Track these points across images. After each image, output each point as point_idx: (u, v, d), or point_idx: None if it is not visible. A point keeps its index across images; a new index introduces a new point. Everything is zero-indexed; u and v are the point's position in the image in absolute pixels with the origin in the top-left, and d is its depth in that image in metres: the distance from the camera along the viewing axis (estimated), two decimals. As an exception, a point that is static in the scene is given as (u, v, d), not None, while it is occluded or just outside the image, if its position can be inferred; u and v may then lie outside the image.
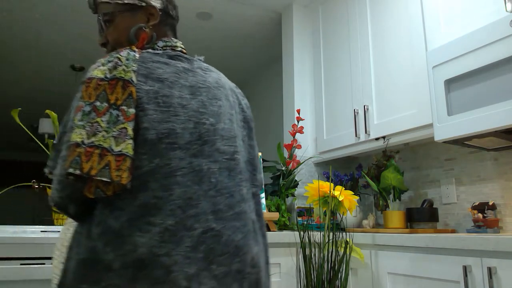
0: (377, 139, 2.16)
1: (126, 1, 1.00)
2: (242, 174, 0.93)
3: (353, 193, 1.92)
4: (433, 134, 1.81)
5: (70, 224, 1.07)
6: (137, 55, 0.88)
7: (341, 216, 2.24)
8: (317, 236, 1.88)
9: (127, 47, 0.91)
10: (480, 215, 1.77)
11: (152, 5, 1.01)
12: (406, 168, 2.34)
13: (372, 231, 1.94)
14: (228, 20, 3.23)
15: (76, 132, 0.78)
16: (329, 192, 1.77)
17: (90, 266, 0.76)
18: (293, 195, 2.43)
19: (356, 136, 2.25)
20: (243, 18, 3.20)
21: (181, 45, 1.03)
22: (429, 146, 2.23)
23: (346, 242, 1.71)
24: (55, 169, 0.84)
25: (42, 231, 1.68)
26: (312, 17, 2.84)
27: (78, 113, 0.80)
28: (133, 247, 0.75)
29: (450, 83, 1.69)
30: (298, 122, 2.51)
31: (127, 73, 0.83)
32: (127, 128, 0.79)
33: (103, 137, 0.78)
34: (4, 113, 5.73)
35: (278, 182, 2.42)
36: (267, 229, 2.16)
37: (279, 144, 2.45)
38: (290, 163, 2.40)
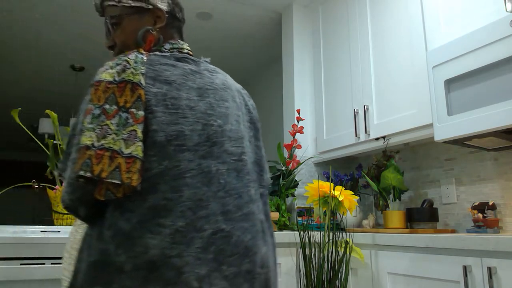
0: (377, 139, 2.16)
1: (133, 4, 1.01)
2: (250, 175, 0.94)
3: (353, 193, 1.92)
4: (433, 134, 1.81)
5: (79, 226, 1.07)
6: (145, 58, 0.89)
7: (341, 216, 2.25)
8: (317, 236, 1.88)
9: (135, 49, 0.92)
10: (480, 215, 1.77)
11: (159, 7, 1.02)
12: (406, 168, 2.35)
13: (372, 231, 1.94)
14: (228, 20, 3.23)
15: (86, 134, 0.79)
16: (329, 192, 1.77)
17: (101, 268, 0.76)
18: (293, 195, 2.43)
19: (356, 136, 2.25)
20: (243, 18, 3.20)
21: (188, 47, 1.03)
22: (429, 146, 2.24)
23: (346, 242, 1.71)
24: (65, 171, 0.84)
25: (42, 231, 1.68)
26: (312, 17, 2.84)
27: (87, 116, 0.81)
28: (145, 249, 0.76)
29: (450, 83, 1.69)
30: (298, 122, 2.51)
31: (136, 75, 0.84)
32: (136, 131, 0.80)
33: (113, 140, 0.79)
34: (4, 113, 5.73)
35: (278, 182, 2.42)
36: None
37: (279, 144, 2.45)
38: (290, 163, 2.40)
